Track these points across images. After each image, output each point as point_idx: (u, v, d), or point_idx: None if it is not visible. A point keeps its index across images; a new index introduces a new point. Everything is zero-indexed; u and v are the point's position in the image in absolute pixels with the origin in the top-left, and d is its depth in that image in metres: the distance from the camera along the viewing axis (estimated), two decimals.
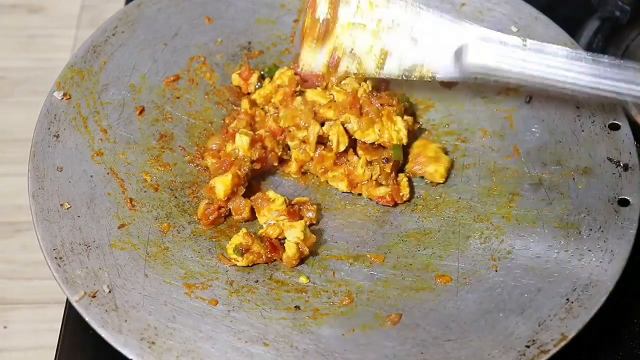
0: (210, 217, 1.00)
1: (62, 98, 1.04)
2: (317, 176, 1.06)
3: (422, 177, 1.06)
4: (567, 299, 0.89)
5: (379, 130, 1.04)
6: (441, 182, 1.05)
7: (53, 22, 1.76)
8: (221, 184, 1.00)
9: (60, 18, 1.77)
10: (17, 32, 1.74)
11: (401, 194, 1.03)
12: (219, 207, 1.00)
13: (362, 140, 1.05)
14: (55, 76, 1.07)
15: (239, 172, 1.01)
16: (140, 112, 1.07)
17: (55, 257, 0.91)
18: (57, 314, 1.03)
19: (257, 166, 1.04)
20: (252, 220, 1.02)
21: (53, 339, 0.99)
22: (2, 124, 1.59)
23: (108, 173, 1.00)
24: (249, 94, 1.12)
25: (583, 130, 1.05)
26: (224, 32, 1.17)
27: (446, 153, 1.07)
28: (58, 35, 1.74)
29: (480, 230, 0.99)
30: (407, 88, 1.13)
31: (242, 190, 1.02)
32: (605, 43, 1.27)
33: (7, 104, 1.62)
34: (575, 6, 1.32)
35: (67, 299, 0.92)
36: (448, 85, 1.14)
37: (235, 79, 1.13)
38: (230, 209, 1.01)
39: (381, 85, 1.12)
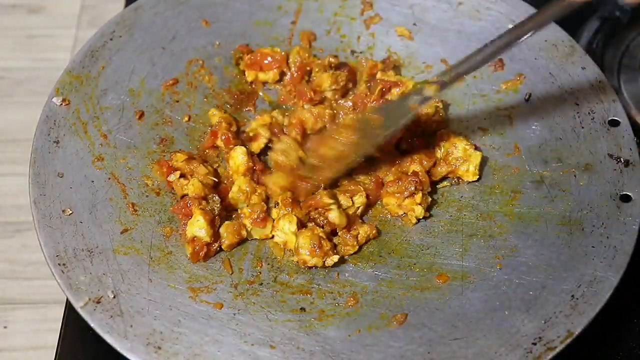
0: (200, 254, 0.95)
1: (62, 104, 1.04)
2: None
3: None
4: (572, 296, 0.90)
5: None
6: (474, 180, 1.04)
7: (53, 22, 1.75)
8: (199, 228, 0.95)
9: (60, 18, 1.76)
10: (17, 32, 1.73)
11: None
12: (207, 244, 0.96)
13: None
14: (55, 76, 1.06)
15: (206, 208, 0.98)
16: (140, 117, 1.07)
17: (59, 264, 0.90)
18: (57, 314, 1.03)
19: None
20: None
21: (53, 339, 0.99)
22: (2, 124, 1.57)
23: (109, 178, 1.00)
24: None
25: (583, 127, 1.06)
26: (221, 35, 1.17)
27: (476, 149, 1.06)
28: (58, 35, 1.73)
29: (484, 229, 0.99)
30: None
31: (218, 220, 0.98)
32: (605, 43, 1.27)
33: (7, 104, 1.61)
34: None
35: (68, 300, 0.91)
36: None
37: (155, 169, 1.03)
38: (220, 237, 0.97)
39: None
